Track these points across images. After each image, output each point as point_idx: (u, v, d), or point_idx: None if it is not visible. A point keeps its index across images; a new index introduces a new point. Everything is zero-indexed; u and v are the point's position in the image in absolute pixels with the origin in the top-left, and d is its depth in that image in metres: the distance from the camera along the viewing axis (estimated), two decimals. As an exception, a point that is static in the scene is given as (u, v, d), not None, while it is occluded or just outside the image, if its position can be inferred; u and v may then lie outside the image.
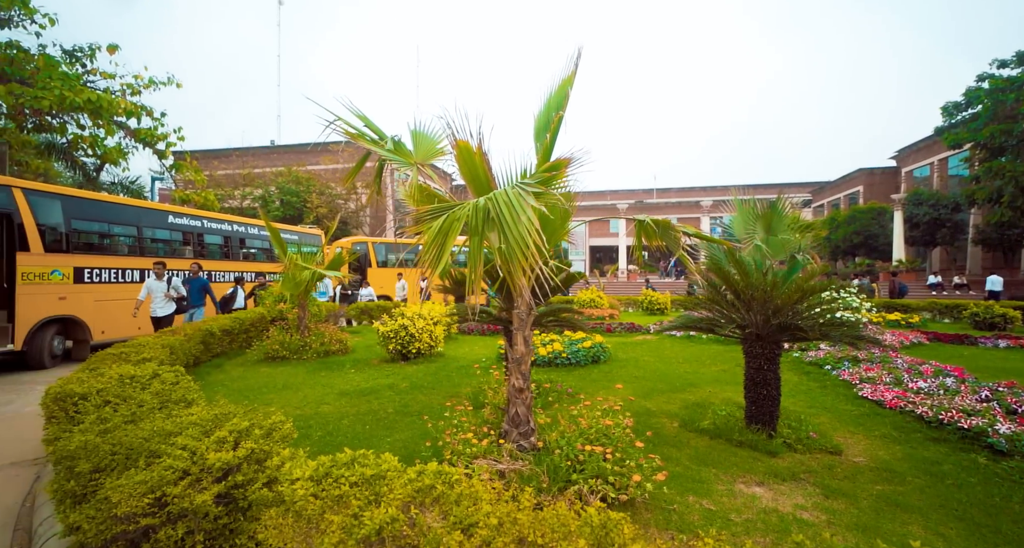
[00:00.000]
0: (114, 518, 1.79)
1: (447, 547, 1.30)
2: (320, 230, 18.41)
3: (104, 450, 2.18)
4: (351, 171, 3.58)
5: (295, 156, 36.24)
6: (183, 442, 2.14)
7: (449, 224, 2.22)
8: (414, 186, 3.20)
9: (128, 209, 10.10)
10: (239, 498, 1.93)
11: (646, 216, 3.55)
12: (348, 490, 1.62)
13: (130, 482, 1.86)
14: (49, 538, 2.50)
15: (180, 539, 1.79)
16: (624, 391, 5.06)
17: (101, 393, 3.15)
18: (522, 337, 3.35)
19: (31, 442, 4.55)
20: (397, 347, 7.04)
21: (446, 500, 1.61)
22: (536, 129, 3.33)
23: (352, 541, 1.33)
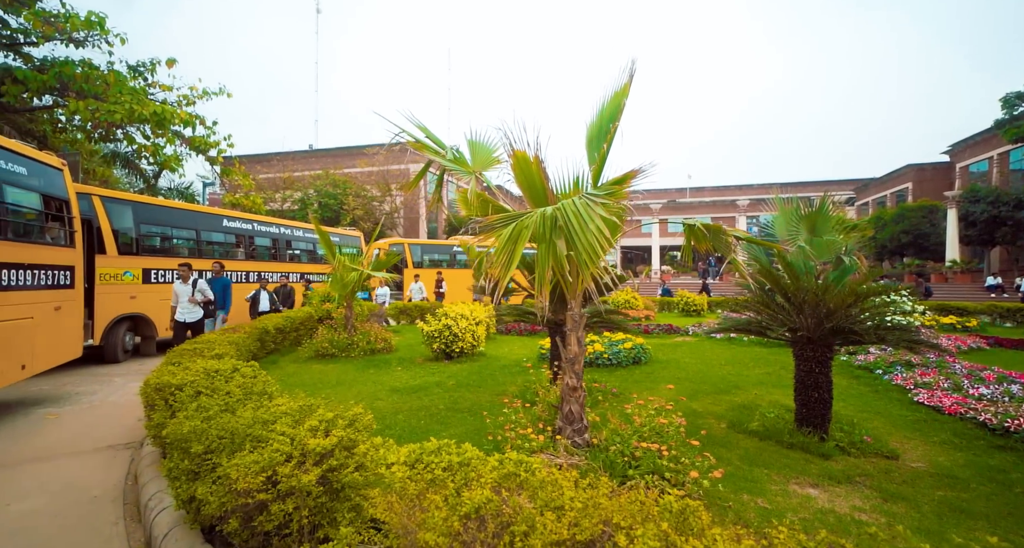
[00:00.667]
0: (234, 492, 2.04)
1: (542, 524, 1.46)
2: (359, 232, 19.00)
3: (213, 434, 2.45)
4: (414, 178, 3.81)
5: (332, 159, 37.41)
6: (281, 429, 2.39)
7: (518, 231, 2.38)
8: (473, 193, 3.38)
9: (188, 214, 10.79)
10: (333, 481, 2.15)
11: (696, 220, 3.62)
12: (441, 474, 1.80)
13: (244, 462, 2.10)
14: (162, 510, 2.81)
15: (288, 514, 2.02)
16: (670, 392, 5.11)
17: (192, 384, 3.47)
18: (575, 337, 3.48)
19: (122, 428, 5.01)
20: (441, 346, 7.28)
21: (529, 485, 1.77)
22: (588, 138, 3.46)
23: (455, 517, 1.51)
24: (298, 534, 2.07)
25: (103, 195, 8.71)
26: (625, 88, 3.09)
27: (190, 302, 7.38)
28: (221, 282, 8.71)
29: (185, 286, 7.41)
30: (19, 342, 5.32)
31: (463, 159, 3.57)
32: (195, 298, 7.40)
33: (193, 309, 7.43)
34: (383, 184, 31.93)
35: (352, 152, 36.99)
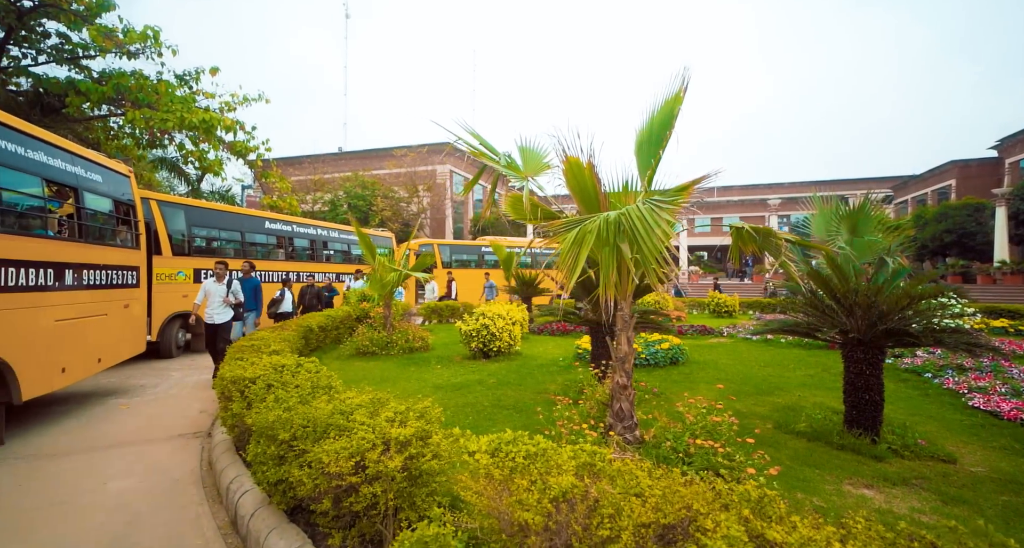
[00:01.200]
0: (327, 475, 2.23)
1: (628, 507, 1.57)
2: (390, 233, 19.43)
3: (296, 423, 2.66)
4: (468, 183, 3.97)
5: (360, 161, 38.23)
6: (360, 419, 2.57)
7: (582, 235, 2.50)
8: (525, 197, 3.52)
9: (233, 216, 11.30)
10: (412, 468, 2.32)
11: (744, 223, 3.66)
12: (522, 462, 1.94)
13: (334, 448, 2.29)
14: (245, 492, 3.04)
15: (375, 496, 2.20)
16: (712, 392, 5.14)
17: (263, 378, 3.72)
18: (625, 337, 3.57)
19: (185, 419, 5.35)
20: (479, 345, 7.46)
21: (605, 474, 1.89)
22: (638, 143, 3.54)
23: (546, 499, 1.64)
24: (383, 515, 2.25)
25: (160, 199, 9.23)
26: (677, 96, 3.17)
27: (223, 303, 6.85)
28: (251, 283, 8.27)
29: (219, 285, 6.87)
30: (96, 337, 5.73)
31: (515, 164, 3.71)
32: (228, 299, 6.89)
33: (224, 310, 6.90)
34: (411, 185, 32.48)
35: (380, 154, 37.74)
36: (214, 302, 6.81)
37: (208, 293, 6.83)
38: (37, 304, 4.71)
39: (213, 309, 6.80)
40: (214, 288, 6.84)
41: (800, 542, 1.35)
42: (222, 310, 6.86)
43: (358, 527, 2.35)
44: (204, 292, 6.84)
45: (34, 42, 12.52)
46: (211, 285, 6.85)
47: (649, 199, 2.54)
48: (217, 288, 6.84)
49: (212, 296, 6.82)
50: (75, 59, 13.07)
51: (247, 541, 2.79)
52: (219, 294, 6.84)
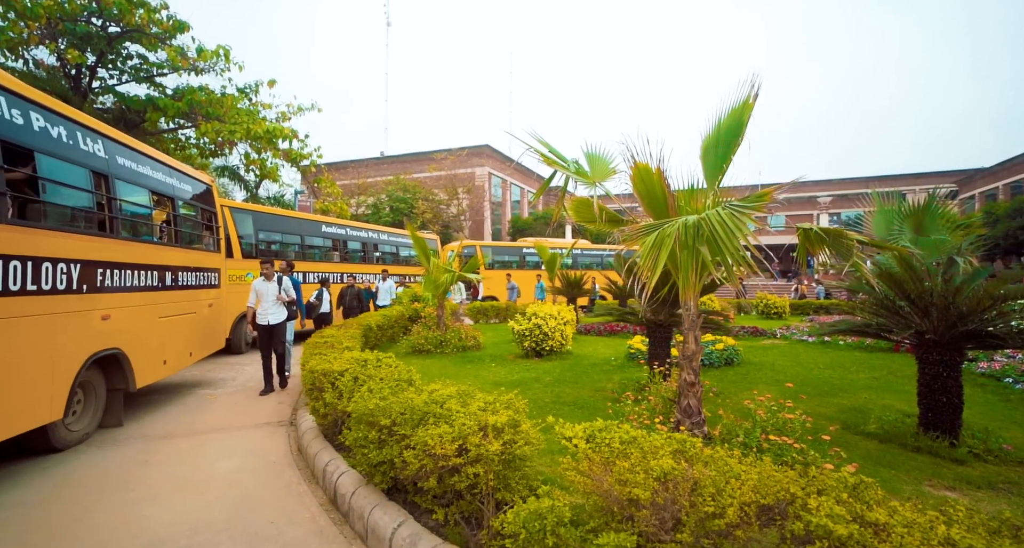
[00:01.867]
0: (432, 456, 2.48)
1: (728, 488, 1.72)
2: (435, 235, 19.96)
3: (395, 411, 2.93)
4: (538, 189, 4.17)
5: (402, 165, 39.30)
6: (455, 408, 2.82)
7: (661, 239, 2.65)
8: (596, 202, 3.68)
9: (294, 221, 12.00)
10: (507, 452, 2.53)
11: (812, 224, 3.69)
12: (619, 447, 2.12)
13: (437, 432, 2.54)
14: (342, 473, 3.35)
15: (477, 475, 2.42)
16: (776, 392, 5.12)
17: (349, 372, 4.05)
18: (692, 336, 3.67)
19: (266, 409, 5.81)
20: (531, 344, 7.66)
21: (698, 459, 2.04)
22: (704, 147, 3.63)
23: (651, 479, 1.81)
24: (483, 494, 2.47)
25: (231, 206, 9.95)
26: (746, 103, 3.24)
27: (276, 301, 6.54)
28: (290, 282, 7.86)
29: (269, 284, 6.52)
30: (187, 333, 6.30)
31: (583, 171, 3.88)
32: (281, 296, 6.57)
33: (278, 310, 6.56)
34: (451, 188, 33.14)
35: (420, 158, 38.68)
36: (267, 301, 6.50)
37: (259, 293, 6.51)
38: (145, 302, 5.26)
39: (266, 309, 6.49)
40: (264, 287, 6.52)
41: (904, 523, 1.46)
42: (276, 309, 6.54)
43: (458, 505, 2.58)
44: (255, 292, 6.55)
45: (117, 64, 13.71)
46: (260, 284, 6.54)
47: (729, 204, 2.65)
48: (268, 287, 6.53)
49: (264, 296, 6.50)
50: (150, 77, 14.22)
51: (349, 516, 3.08)
52: (271, 293, 6.52)
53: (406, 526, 2.62)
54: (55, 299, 3.92)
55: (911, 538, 1.37)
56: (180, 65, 12.63)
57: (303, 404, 5.33)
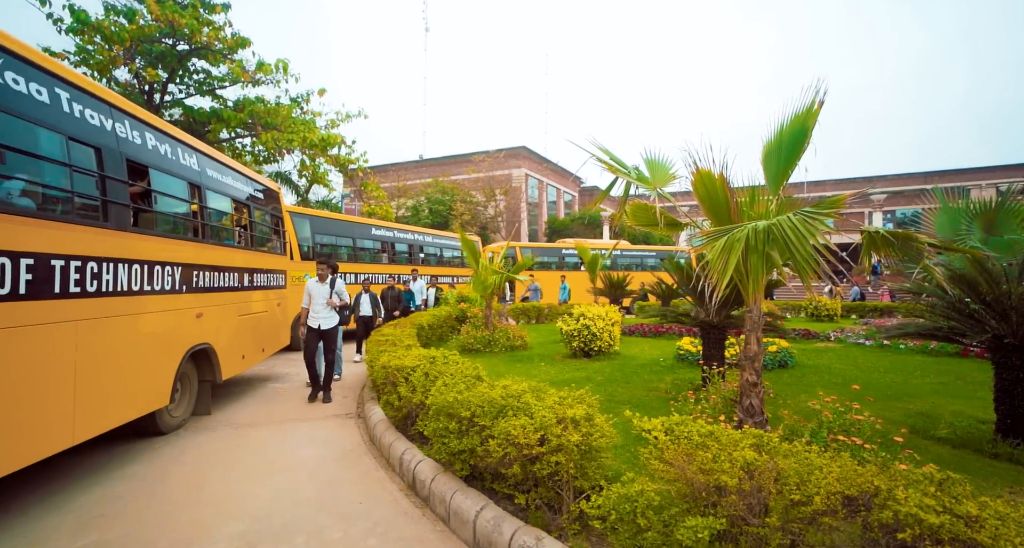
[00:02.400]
0: (516, 445, 2.68)
1: (813, 478, 1.84)
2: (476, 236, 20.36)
3: (474, 403, 3.15)
4: (599, 196, 4.33)
5: (440, 168, 40.08)
6: (531, 402, 3.02)
7: (730, 243, 2.76)
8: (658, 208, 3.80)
9: (347, 224, 12.58)
10: (584, 443, 2.71)
11: (878, 227, 3.67)
12: (699, 439, 2.25)
13: (519, 423, 2.74)
14: (420, 461, 3.61)
15: (558, 464, 2.61)
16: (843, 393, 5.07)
17: (420, 368, 4.33)
18: (755, 338, 3.73)
19: (334, 402, 6.20)
20: (579, 345, 7.79)
21: (777, 452, 2.15)
22: (765, 153, 3.68)
23: (736, 467, 1.94)
24: (563, 482, 2.66)
25: (291, 211, 10.56)
26: (811, 110, 3.27)
27: (327, 305, 6.34)
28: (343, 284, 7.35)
29: (322, 286, 6.36)
30: (260, 331, 6.80)
31: (644, 176, 4.01)
32: (332, 300, 6.35)
33: (330, 314, 6.37)
34: (488, 190, 33.58)
35: (458, 160, 39.35)
36: (317, 304, 6.33)
37: (311, 294, 6.35)
38: (229, 301, 5.75)
39: (318, 312, 6.31)
40: (317, 289, 6.34)
41: (996, 516, 1.54)
42: (327, 314, 6.34)
43: (537, 492, 2.78)
44: (308, 293, 6.39)
45: (185, 79, 14.76)
46: (313, 285, 6.37)
47: (802, 211, 2.72)
48: (320, 288, 6.34)
49: (315, 297, 6.33)
50: (212, 90, 15.23)
51: (430, 501, 3.33)
52: (322, 295, 6.33)
53: (489, 509, 2.84)
54: (164, 298, 4.39)
55: (1006, 529, 1.46)
56: (242, 78, 13.47)
57: (369, 398, 5.68)
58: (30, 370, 3.04)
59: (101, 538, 2.90)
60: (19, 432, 2.97)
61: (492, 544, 2.67)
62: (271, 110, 13.66)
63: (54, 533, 2.96)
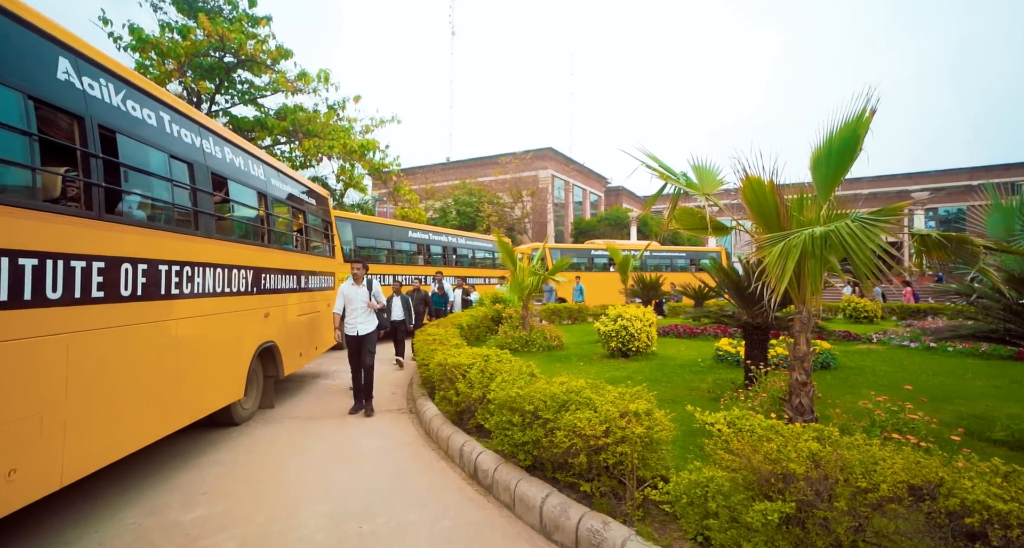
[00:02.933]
0: (583, 436, 2.88)
1: (880, 468, 1.97)
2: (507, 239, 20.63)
3: (536, 398, 3.37)
4: (648, 201, 4.48)
5: (467, 170, 40.56)
6: (592, 396, 3.21)
7: (787, 249, 2.89)
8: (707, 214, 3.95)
9: (385, 227, 13.02)
10: (646, 435, 2.88)
11: (930, 229, 3.72)
12: (762, 432, 2.41)
13: (584, 416, 2.94)
14: (481, 453, 3.84)
15: (623, 454, 2.80)
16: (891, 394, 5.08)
17: (475, 365, 4.57)
18: (804, 338, 3.82)
19: (385, 397, 6.52)
20: (618, 345, 7.92)
21: (840, 445, 2.28)
22: (814, 159, 3.75)
23: (801, 458, 2.09)
24: (627, 471, 2.84)
25: (334, 215, 11.02)
26: (861, 118, 3.34)
27: (367, 308, 5.93)
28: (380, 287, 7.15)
29: (358, 289, 5.93)
30: (314, 330, 7.20)
31: (693, 183, 4.15)
32: (372, 304, 5.95)
33: (368, 318, 5.92)
34: (515, 191, 33.83)
35: (485, 162, 39.75)
36: (356, 309, 5.89)
37: (347, 298, 5.93)
38: (289, 302, 6.13)
39: (356, 318, 5.88)
40: (354, 292, 5.91)
41: (1059, 503, 1.66)
42: (366, 318, 5.92)
43: (600, 480, 2.97)
44: (342, 297, 5.98)
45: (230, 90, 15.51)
46: (349, 288, 5.95)
47: (859, 217, 2.83)
48: (357, 292, 5.92)
49: (352, 302, 5.91)
50: (254, 99, 15.95)
51: (494, 489, 3.56)
52: (360, 299, 5.90)
53: (554, 496, 3.05)
54: (240, 299, 4.77)
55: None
56: (284, 88, 14.09)
57: (420, 395, 5.96)
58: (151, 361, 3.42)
59: (209, 512, 3.24)
60: (150, 411, 3.37)
61: (559, 528, 2.88)
62: (311, 117, 14.24)
63: (167, 506, 3.32)
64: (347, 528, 3.07)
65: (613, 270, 19.69)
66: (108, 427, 3.10)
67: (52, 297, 2.60)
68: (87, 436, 2.90)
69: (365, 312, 5.93)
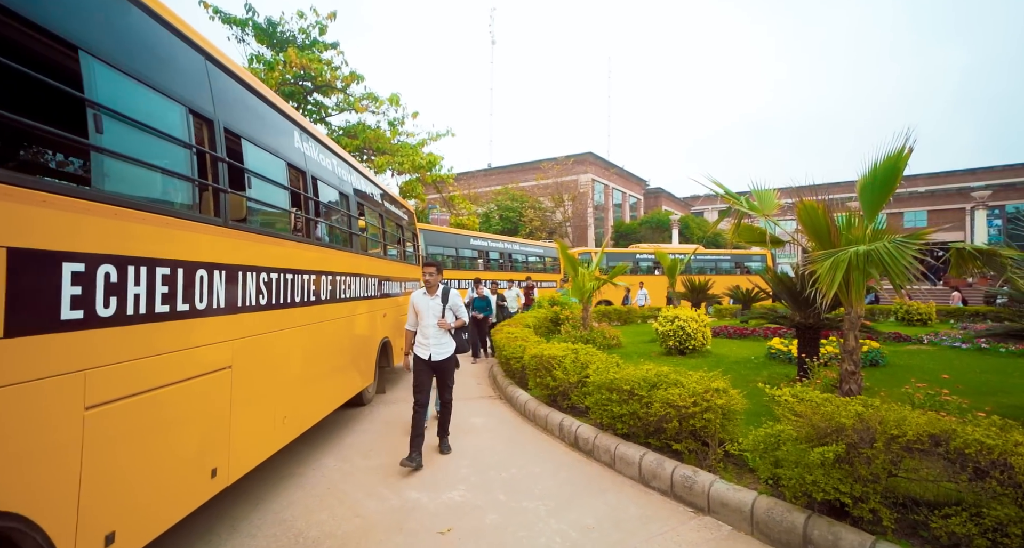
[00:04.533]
0: (675, 407, 3.79)
1: (908, 422, 2.78)
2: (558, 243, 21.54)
3: (631, 380, 4.28)
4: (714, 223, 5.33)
5: (508, 175, 41.72)
6: (678, 379, 4.10)
7: (835, 264, 3.69)
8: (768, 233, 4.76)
9: (450, 236, 14.26)
10: (725, 407, 3.75)
11: (965, 243, 4.39)
12: (819, 400, 3.24)
13: (675, 392, 3.84)
14: (579, 426, 4.79)
15: (708, 421, 3.67)
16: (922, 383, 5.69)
17: (567, 357, 5.53)
18: (852, 335, 4.55)
19: (472, 387, 7.58)
20: (675, 343, 8.70)
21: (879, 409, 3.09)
22: (861, 186, 4.48)
23: (850, 415, 2.92)
24: (710, 434, 3.72)
25: (410, 226, 12.29)
26: (901, 154, 4.07)
27: (439, 327, 4.50)
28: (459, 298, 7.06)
29: (431, 300, 4.55)
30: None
31: (755, 205, 4.97)
32: (445, 322, 4.51)
33: (442, 338, 4.57)
34: (557, 196, 34.68)
35: (525, 167, 40.81)
36: (428, 326, 4.52)
37: (418, 311, 4.57)
38: (394, 304, 7.30)
39: (428, 337, 4.53)
40: (425, 303, 4.55)
41: (1033, 441, 2.44)
42: (440, 338, 4.55)
43: (687, 442, 3.85)
44: (412, 310, 4.62)
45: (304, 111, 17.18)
46: (420, 298, 4.58)
47: (895, 239, 3.60)
48: (429, 303, 4.54)
49: (424, 315, 4.54)
50: (323, 119, 17.56)
51: (594, 452, 4.49)
52: (432, 312, 4.52)
53: (650, 454, 3.96)
54: (372, 302, 5.94)
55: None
56: (357, 110, 15.57)
57: (507, 384, 6.98)
58: (332, 350, 4.58)
59: (380, 463, 4.34)
60: (330, 386, 4.54)
61: (656, 476, 3.79)
62: (379, 135, 15.67)
63: (349, 458, 4.45)
64: (491, 475, 4.09)
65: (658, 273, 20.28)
66: (313, 398, 4.26)
67: (297, 300, 3.77)
68: (302, 406, 4.08)
69: (438, 330, 4.51)
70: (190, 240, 2.55)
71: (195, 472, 2.62)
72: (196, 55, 2.80)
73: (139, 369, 2.20)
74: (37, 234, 1.73)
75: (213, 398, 2.78)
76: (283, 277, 3.60)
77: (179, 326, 2.46)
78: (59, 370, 1.81)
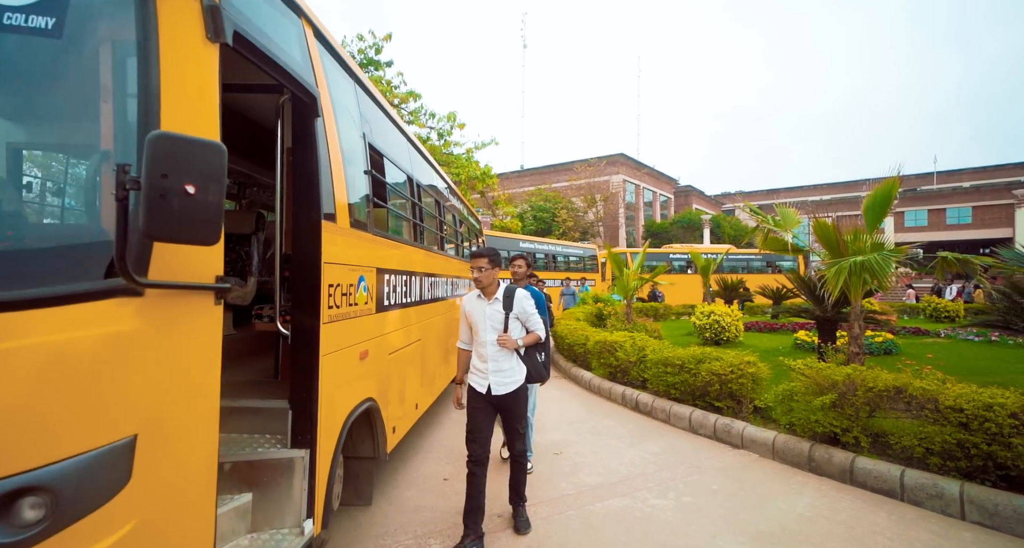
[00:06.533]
0: (717, 375, 5.20)
1: (880, 380, 4.12)
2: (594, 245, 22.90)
3: (683, 357, 5.70)
4: (748, 232, 6.67)
5: (540, 177, 43.04)
6: (720, 355, 5.50)
7: (840, 269, 5.01)
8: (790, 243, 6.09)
9: (502, 240, 15.83)
10: (755, 375, 5.13)
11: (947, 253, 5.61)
12: (822, 366, 4.59)
13: (720, 364, 5.25)
14: (637, 395, 6.25)
15: (741, 385, 5.07)
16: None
17: (628, 341, 6.97)
18: (857, 324, 5.78)
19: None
20: (711, 335, 10.00)
21: (863, 372, 4.44)
22: (865, 206, 5.75)
23: (840, 375, 4.28)
24: (743, 395, 5.12)
25: (469, 232, 13.94)
26: (892, 182, 5.35)
27: (499, 344, 3.03)
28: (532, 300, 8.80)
29: (489, 305, 3.09)
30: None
31: (781, 223, 6.29)
32: (508, 338, 3.03)
33: (506, 363, 3.08)
34: (589, 196, 35.80)
35: (557, 169, 42.05)
36: (485, 342, 3.07)
37: (473, 320, 3.15)
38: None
39: (485, 361, 3.07)
40: (480, 311, 3.11)
41: (958, 390, 3.76)
42: (502, 362, 3.07)
43: (725, 401, 5.25)
44: (464, 321, 3.21)
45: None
46: (473, 304, 3.16)
47: (881, 253, 4.90)
48: (488, 310, 3.09)
49: (480, 325, 3.10)
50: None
51: (652, 413, 5.93)
52: (491, 323, 3.08)
53: (697, 411, 5.38)
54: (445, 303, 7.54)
55: (958, 390, 3.69)
56: (418, 124, 17.27)
57: (570, 365, 8.47)
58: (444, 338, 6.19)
59: (498, 415, 5.91)
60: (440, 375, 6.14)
61: (703, 425, 5.21)
62: (435, 149, 17.34)
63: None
64: (582, 426, 5.60)
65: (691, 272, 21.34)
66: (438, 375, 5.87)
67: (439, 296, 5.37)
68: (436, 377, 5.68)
69: (499, 350, 3.07)
70: (413, 255, 4.18)
71: (411, 403, 4.24)
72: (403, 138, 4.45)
73: (400, 336, 3.83)
74: (383, 261, 3.35)
75: (416, 358, 4.39)
76: (436, 279, 5.20)
77: (411, 311, 4.08)
78: (386, 331, 3.43)
